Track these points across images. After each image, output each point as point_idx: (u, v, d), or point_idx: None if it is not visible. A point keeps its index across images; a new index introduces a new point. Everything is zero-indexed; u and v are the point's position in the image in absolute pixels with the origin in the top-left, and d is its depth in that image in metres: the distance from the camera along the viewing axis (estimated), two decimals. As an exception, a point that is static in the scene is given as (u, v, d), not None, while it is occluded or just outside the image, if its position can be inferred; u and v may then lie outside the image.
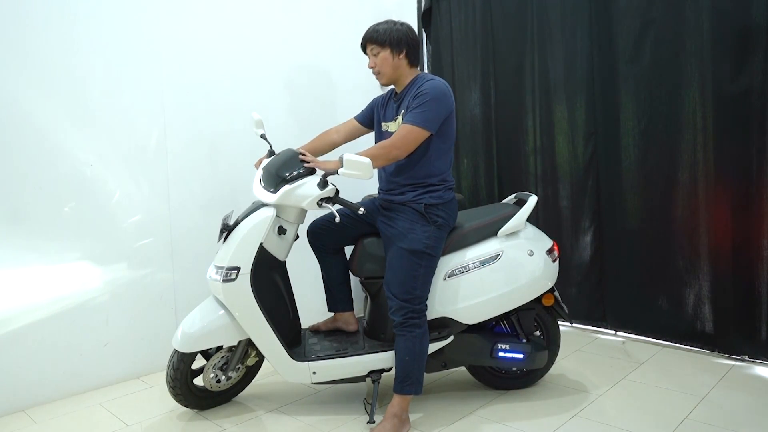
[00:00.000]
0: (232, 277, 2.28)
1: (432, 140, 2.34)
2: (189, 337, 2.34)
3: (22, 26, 2.54)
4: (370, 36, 2.40)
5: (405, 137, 2.27)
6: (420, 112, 2.27)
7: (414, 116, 2.27)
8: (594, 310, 3.43)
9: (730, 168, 2.84)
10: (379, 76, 2.43)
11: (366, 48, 2.43)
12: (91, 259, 2.78)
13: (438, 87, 2.31)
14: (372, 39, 2.39)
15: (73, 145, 2.70)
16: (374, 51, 2.39)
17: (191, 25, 3.06)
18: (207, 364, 2.48)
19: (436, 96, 2.28)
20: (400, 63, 2.40)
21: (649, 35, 3.04)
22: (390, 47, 2.37)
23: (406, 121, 2.29)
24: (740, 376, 2.74)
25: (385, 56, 2.38)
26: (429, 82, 2.33)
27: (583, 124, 3.36)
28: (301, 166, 2.32)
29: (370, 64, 2.43)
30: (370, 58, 2.42)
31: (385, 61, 2.38)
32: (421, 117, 2.26)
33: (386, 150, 2.28)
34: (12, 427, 2.46)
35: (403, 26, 2.41)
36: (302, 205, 2.30)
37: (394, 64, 2.39)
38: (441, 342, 2.45)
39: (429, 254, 2.32)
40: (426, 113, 2.26)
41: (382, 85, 2.49)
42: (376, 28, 2.39)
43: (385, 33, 2.36)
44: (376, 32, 2.38)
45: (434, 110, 2.28)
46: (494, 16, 3.72)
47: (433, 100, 2.27)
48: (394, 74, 2.41)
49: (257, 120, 2.63)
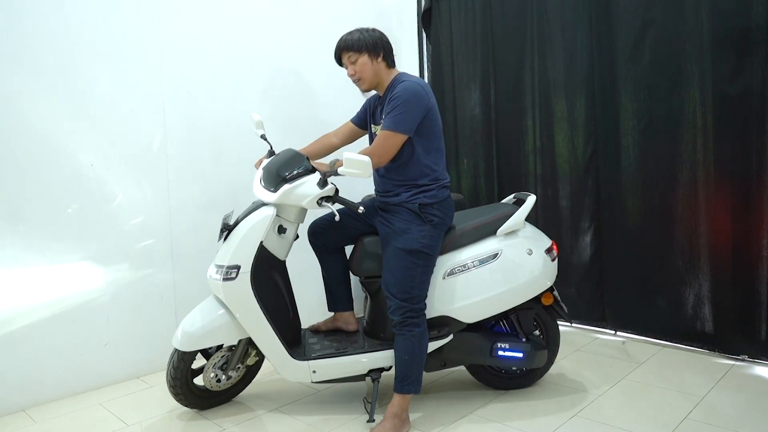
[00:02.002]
0: (232, 276, 2.28)
1: (415, 141, 2.34)
2: (189, 336, 2.34)
3: (24, 29, 2.55)
4: (345, 45, 2.39)
5: (382, 144, 2.29)
6: (392, 117, 2.28)
7: (388, 122, 2.29)
8: (593, 309, 3.43)
9: (730, 168, 2.84)
10: (359, 83, 2.42)
11: (342, 58, 2.42)
12: (92, 260, 2.78)
13: (409, 88, 2.30)
14: (348, 47, 2.38)
15: (73, 146, 2.71)
16: (351, 58, 2.39)
17: (192, 27, 3.06)
18: (207, 363, 2.48)
19: (407, 99, 2.27)
20: (378, 67, 2.40)
21: (649, 35, 3.04)
22: (367, 52, 2.37)
23: (383, 127, 2.31)
24: (740, 376, 2.74)
25: (364, 61, 2.37)
26: (401, 84, 2.32)
27: (583, 124, 3.36)
28: (301, 166, 2.32)
29: (349, 73, 2.42)
30: (348, 66, 2.41)
31: (364, 67, 2.38)
32: (394, 121, 2.27)
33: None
34: (12, 427, 2.46)
35: (375, 31, 2.42)
36: (302, 204, 2.31)
37: (374, 68, 2.39)
38: (440, 341, 2.45)
39: (426, 253, 2.32)
40: (398, 116, 2.27)
41: (363, 91, 2.48)
42: (349, 36, 2.39)
43: (359, 39, 2.36)
44: (350, 40, 2.38)
45: (406, 112, 2.27)
46: (494, 16, 3.72)
47: (404, 103, 2.27)
48: (374, 78, 2.41)
49: (257, 121, 2.63)
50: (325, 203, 2.28)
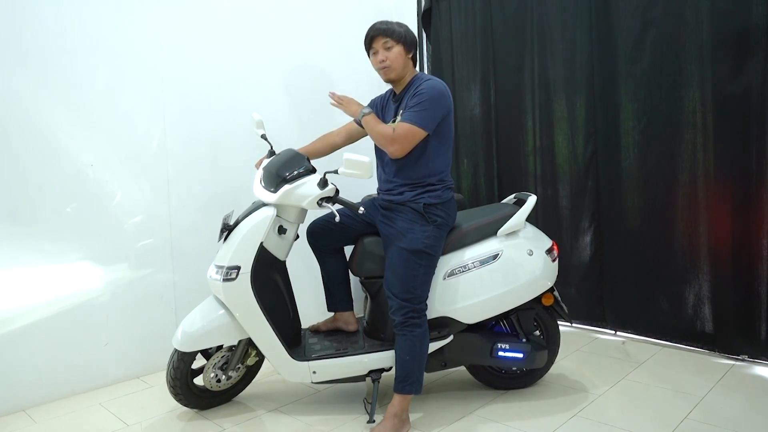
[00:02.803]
0: (233, 276, 2.28)
1: (429, 140, 2.34)
2: (189, 337, 2.34)
3: (23, 27, 2.54)
4: (387, 29, 2.36)
5: (405, 136, 2.27)
6: (417, 112, 2.27)
7: (411, 115, 2.28)
8: (594, 310, 3.43)
9: (730, 168, 2.84)
10: (386, 71, 2.39)
11: (375, 42, 2.38)
12: (92, 260, 2.78)
13: (436, 87, 2.31)
14: (389, 33, 2.36)
15: (73, 145, 2.70)
16: (388, 44, 2.37)
17: (191, 25, 3.06)
18: (207, 363, 2.48)
19: (433, 96, 2.28)
20: (407, 62, 2.42)
21: (649, 35, 3.04)
22: (404, 44, 2.39)
23: (404, 119, 2.29)
24: (740, 376, 2.74)
25: (399, 51, 2.38)
26: (427, 82, 2.33)
27: (583, 124, 3.36)
28: (302, 166, 2.32)
29: (380, 57, 2.38)
30: (380, 52, 2.38)
31: (398, 57, 2.38)
32: (419, 116, 2.27)
33: (387, 140, 2.29)
34: (12, 427, 2.46)
35: (410, 29, 2.44)
36: (302, 204, 2.31)
37: (404, 61, 2.40)
38: (441, 341, 2.45)
39: (428, 254, 2.32)
40: (423, 112, 2.27)
41: (386, 80, 2.44)
42: (389, 23, 2.39)
43: (400, 30, 2.38)
44: (390, 27, 2.37)
45: (431, 110, 2.28)
46: (494, 16, 3.72)
47: (430, 100, 2.27)
48: (402, 71, 2.41)
49: (258, 120, 2.63)
50: (325, 204, 2.28)
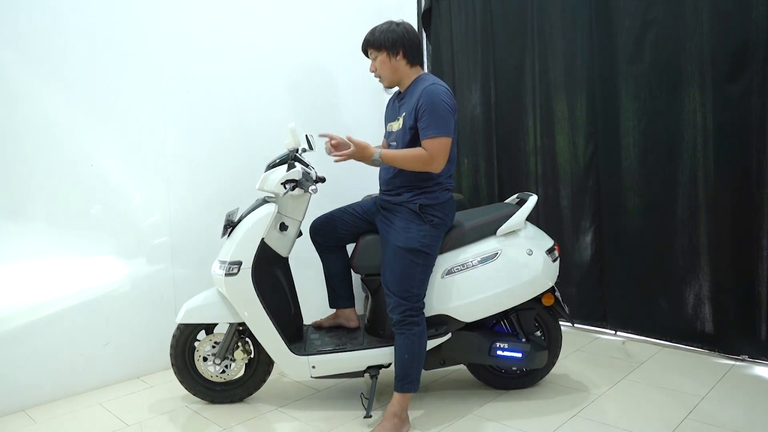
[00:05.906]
0: (234, 271, 2.36)
1: None
2: (186, 311, 2.50)
3: (22, 26, 2.55)
4: (367, 40, 2.41)
5: (438, 150, 2.27)
6: (435, 121, 2.26)
7: (432, 130, 2.26)
8: (594, 310, 3.43)
9: (730, 168, 2.84)
10: (380, 80, 2.45)
11: (367, 52, 2.44)
12: (91, 260, 2.78)
13: (441, 92, 2.30)
14: (369, 43, 2.40)
15: (73, 145, 2.70)
16: (372, 55, 2.41)
17: (192, 25, 3.06)
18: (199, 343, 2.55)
19: (436, 102, 2.27)
20: (398, 64, 2.39)
21: (649, 35, 3.04)
22: (386, 50, 2.36)
23: (428, 135, 2.26)
24: (740, 376, 2.74)
25: (383, 59, 2.38)
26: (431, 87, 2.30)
27: (584, 124, 3.36)
28: (285, 155, 2.42)
29: (371, 69, 2.44)
30: (371, 62, 2.43)
31: (383, 65, 2.39)
32: (437, 126, 2.26)
33: (423, 162, 2.28)
34: (12, 427, 2.46)
35: (400, 27, 2.39)
36: (272, 189, 2.40)
37: (392, 66, 2.38)
38: (438, 339, 2.46)
39: (425, 252, 2.32)
40: (439, 121, 2.26)
41: (385, 88, 2.48)
42: (373, 31, 2.40)
43: (380, 36, 2.36)
44: (372, 36, 2.38)
45: (443, 115, 2.28)
46: (494, 16, 3.72)
47: (437, 108, 2.26)
48: (393, 77, 2.41)
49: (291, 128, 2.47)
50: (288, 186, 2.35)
